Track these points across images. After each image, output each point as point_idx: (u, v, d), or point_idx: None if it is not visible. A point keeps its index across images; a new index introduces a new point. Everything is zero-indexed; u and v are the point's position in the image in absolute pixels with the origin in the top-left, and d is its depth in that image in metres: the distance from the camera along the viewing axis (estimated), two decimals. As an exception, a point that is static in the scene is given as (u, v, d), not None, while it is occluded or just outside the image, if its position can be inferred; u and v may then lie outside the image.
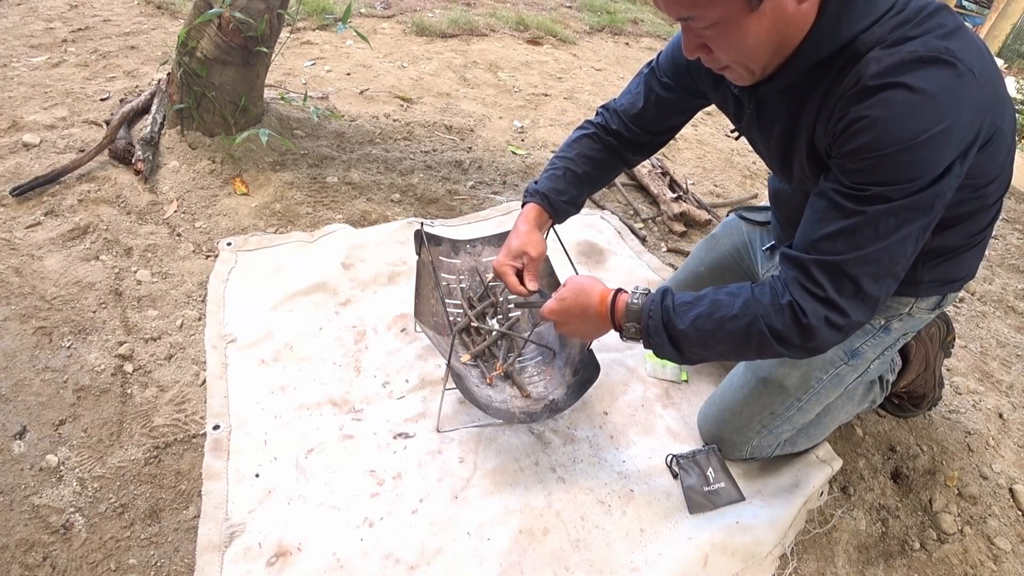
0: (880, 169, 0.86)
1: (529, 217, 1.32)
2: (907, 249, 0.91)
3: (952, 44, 0.84)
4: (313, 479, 1.22)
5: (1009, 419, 1.65)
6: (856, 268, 0.91)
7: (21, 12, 2.90)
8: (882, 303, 0.95)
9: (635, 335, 1.08)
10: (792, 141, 1.02)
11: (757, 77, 0.96)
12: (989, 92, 0.87)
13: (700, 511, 1.26)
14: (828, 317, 0.93)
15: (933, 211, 0.89)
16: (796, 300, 0.94)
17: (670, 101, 1.26)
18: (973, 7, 6.30)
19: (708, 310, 1.01)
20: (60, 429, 1.25)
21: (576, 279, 1.17)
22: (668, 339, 1.04)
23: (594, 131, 1.34)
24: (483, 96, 2.93)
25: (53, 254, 1.61)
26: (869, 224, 0.89)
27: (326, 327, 1.54)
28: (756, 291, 0.99)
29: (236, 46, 1.91)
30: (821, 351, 0.99)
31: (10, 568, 1.04)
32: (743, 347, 1.00)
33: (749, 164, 2.73)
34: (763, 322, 0.96)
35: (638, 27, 4.39)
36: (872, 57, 0.85)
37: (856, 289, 0.92)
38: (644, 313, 1.06)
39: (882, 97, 0.84)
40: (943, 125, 0.83)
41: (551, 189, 1.32)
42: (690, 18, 0.89)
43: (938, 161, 0.85)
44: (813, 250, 0.93)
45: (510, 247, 1.29)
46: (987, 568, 1.29)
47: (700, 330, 1.01)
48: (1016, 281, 2.28)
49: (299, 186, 2.00)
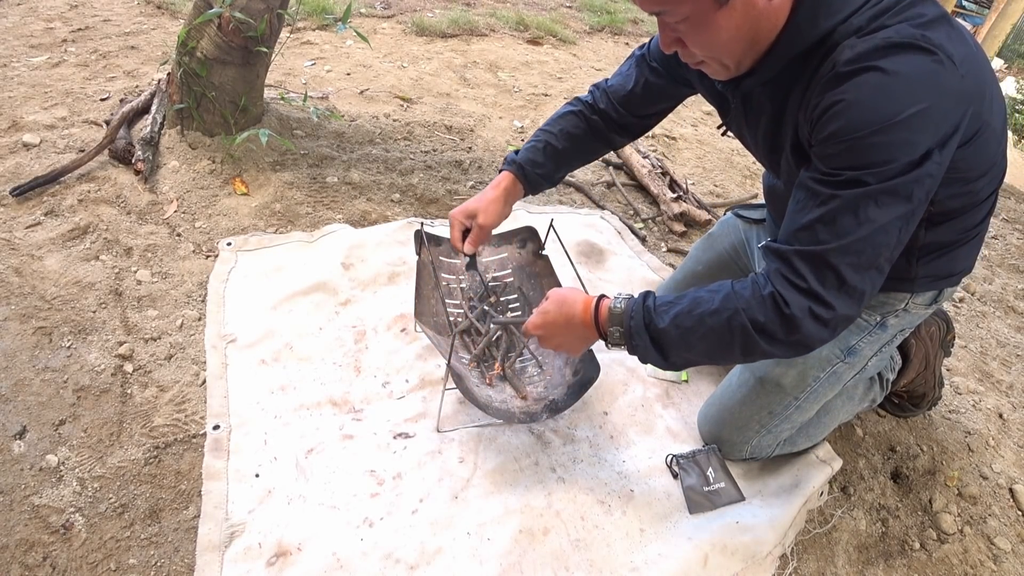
0: (853, 152, 0.85)
1: (500, 184, 1.34)
2: (890, 240, 0.89)
3: (930, 33, 0.83)
4: (313, 479, 1.22)
5: (1009, 419, 1.65)
6: (837, 258, 0.89)
7: (21, 12, 2.90)
8: (868, 296, 0.93)
9: (619, 340, 1.06)
10: (778, 135, 1.02)
11: (733, 72, 0.96)
12: (971, 83, 0.86)
13: (700, 511, 1.26)
14: (812, 309, 0.90)
15: (913, 199, 0.87)
16: (778, 291, 0.92)
17: (658, 87, 1.28)
18: (973, 7, 6.30)
19: (688, 307, 0.98)
20: (60, 429, 1.25)
21: (557, 291, 1.16)
22: (650, 340, 1.01)
23: (581, 108, 1.35)
24: (483, 96, 2.93)
25: (53, 254, 1.61)
26: (846, 210, 0.87)
27: (326, 327, 1.54)
28: (737, 286, 0.97)
29: (236, 46, 1.91)
30: (809, 347, 0.95)
31: (10, 568, 1.04)
32: (726, 344, 0.97)
33: (749, 164, 2.73)
34: (744, 315, 0.93)
35: (638, 27, 4.39)
36: (847, 44, 0.85)
37: (839, 280, 0.90)
38: (626, 315, 1.04)
39: (856, 81, 0.83)
40: (919, 107, 0.81)
41: (528, 160, 1.34)
42: (662, 12, 0.90)
43: (914, 145, 0.83)
44: (794, 240, 0.92)
45: (467, 205, 1.33)
46: (987, 568, 1.29)
47: (680, 328, 0.98)
48: (1016, 281, 2.28)
49: (299, 186, 2.00)
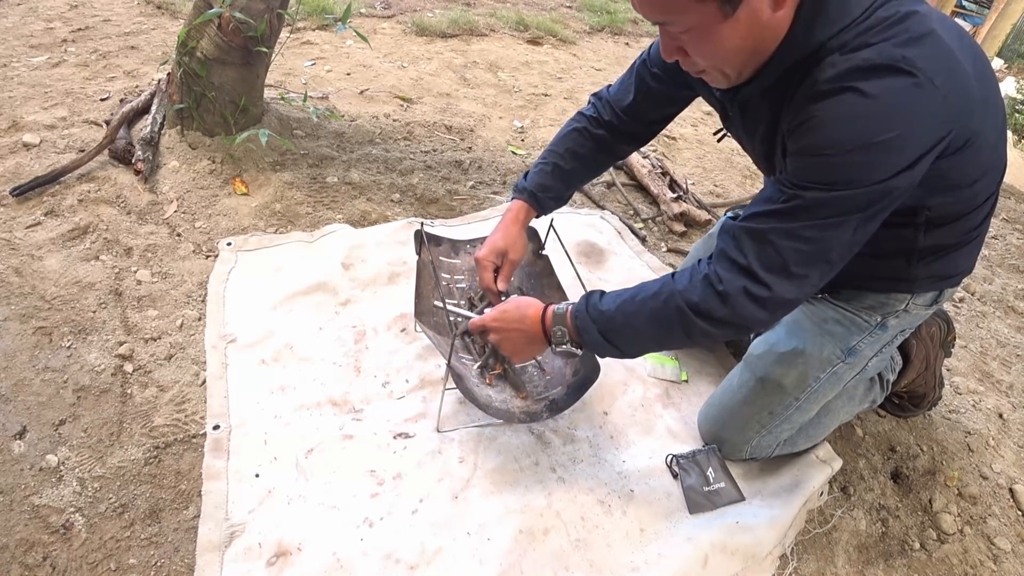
0: (821, 169, 0.88)
1: (518, 217, 1.36)
2: (843, 236, 0.91)
3: (911, 52, 0.82)
4: (313, 479, 1.22)
5: (1009, 419, 1.65)
6: (782, 240, 0.91)
7: (21, 12, 2.90)
8: (813, 285, 0.95)
9: (562, 338, 1.11)
10: (773, 142, 1.03)
11: (733, 81, 0.97)
12: (956, 101, 0.86)
13: (700, 511, 1.26)
14: (747, 288, 0.93)
15: (871, 209, 0.89)
16: (715, 270, 0.96)
17: (661, 92, 1.28)
18: (973, 7, 6.30)
19: (632, 293, 1.04)
20: (60, 429, 1.25)
21: (521, 296, 1.23)
22: (598, 331, 1.06)
23: (585, 125, 1.36)
24: (483, 96, 2.92)
25: (53, 254, 1.61)
26: (804, 209, 0.90)
27: (326, 327, 1.54)
28: (678, 273, 1.03)
29: (236, 46, 1.91)
30: (746, 327, 0.98)
31: (10, 568, 1.04)
32: (667, 326, 1.01)
33: (749, 164, 2.73)
34: (680, 297, 0.98)
35: (638, 27, 4.39)
36: (828, 62, 0.86)
37: (782, 263, 0.92)
38: (570, 314, 1.09)
39: (832, 100, 0.84)
40: (891, 134, 0.82)
41: (538, 186, 1.36)
42: (666, 23, 0.90)
43: (880, 168, 0.85)
44: (747, 220, 0.95)
45: (495, 245, 1.33)
46: (987, 568, 1.29)
47: (624, 313, 1.04)
48: (1016, 281, 2.27)
49: (299, 186, 2.00)
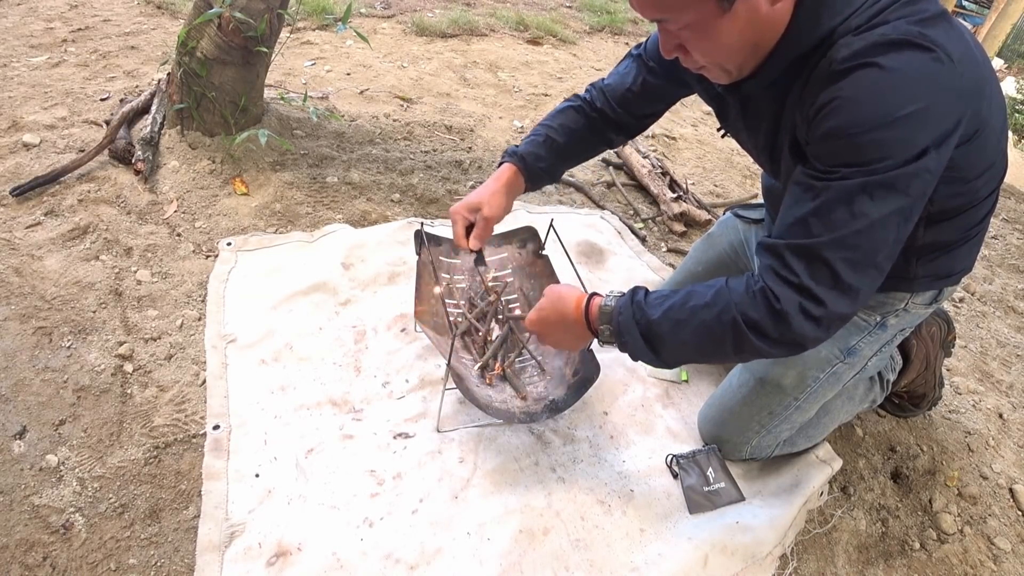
0: (849, 150, 0.84)
1: (501, 177, 1.31)
2: (887, 236, 0.87)
3: (928, 30, 0.81)
4: (313, 479, 1.22)
5: (1009, 419, 1.65)
6: (830, 252, 0.87)
7: (21, 12, 2.90)
8: (865, 295, 0.91)
9: (609, 338, 1.05)
10: (777, 136, 1.01)
11: (735, 76, 0.96)
12: (971, 82, 0.85)
13: (700, 511, 1.26)
14: (803, 305, 0.88)
15: (909, 194, 0.85)
16: (769, 286, 0.90)
17: (655, 87, 1.26)
18: (973, 7, 6.31)
19: (681, 300, 0.97)
20: (60, 429, 1.25)
21: (554, 287, 1.16)
22: (640, 334, 1.00)
23: (580, 104, 1.34)
24: (483, 96, 2.92)
25: (53, 254, 1.61)
26: (840, 203, 0.85)
27: (326, 327, 1.54)
28: (732, 282, 0.96)
29: (236, 46, 1.91)
30: (802, 345, 0.93)
31: (10, 568, 1.04)
32: (717, 340, 0.95)
33: (749, 164, 2.73)
34: (736, 310, 0.92)
35: (638, 27, 4.39)
36: (843, 43, 0.84)
37: (833, 276, 0.87)
38: (615, 312, 1.03)
39: (852, 78, 0.82)
40: (916, 106, 0.80)
41: (529, 153, 1.31)
42: (664, 20, 0.89)
43: (911, 143, 0.82)
44: (787, 235, 0.90)
45: (470, 200, 1.29)
46: (987, 568, 1.29)
47: (672, 320, 0.97)
48: (1016, 281, 2.27)
49: (299, 186, 2.00)
